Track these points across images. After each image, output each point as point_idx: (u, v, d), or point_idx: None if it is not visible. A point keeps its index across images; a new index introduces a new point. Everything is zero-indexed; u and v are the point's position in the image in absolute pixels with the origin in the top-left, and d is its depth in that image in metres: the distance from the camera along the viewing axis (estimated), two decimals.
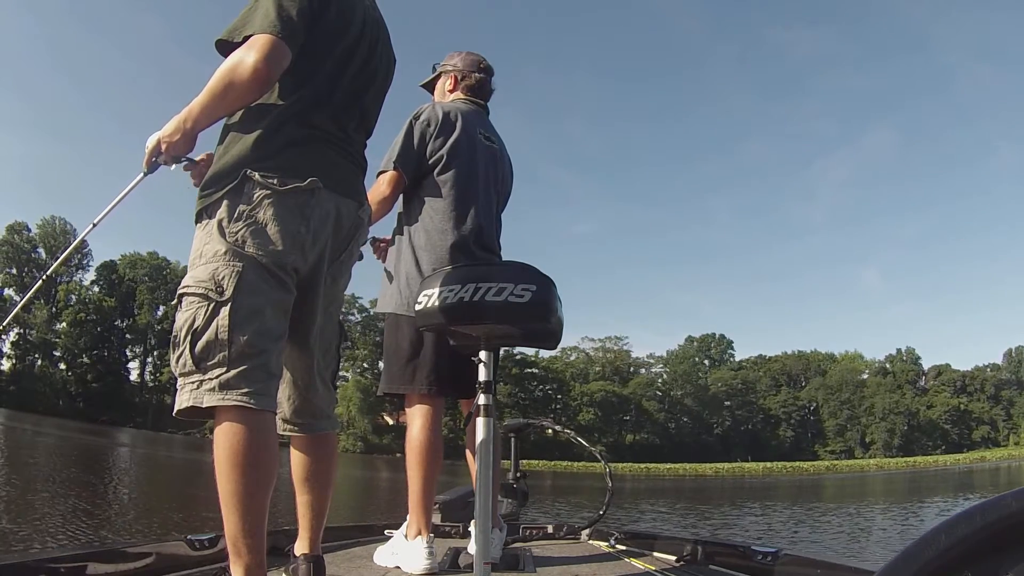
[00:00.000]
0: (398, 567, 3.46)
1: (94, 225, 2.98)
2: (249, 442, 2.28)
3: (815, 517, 23.00)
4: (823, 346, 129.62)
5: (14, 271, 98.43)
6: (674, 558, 3.93)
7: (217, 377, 2.31)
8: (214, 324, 2.33)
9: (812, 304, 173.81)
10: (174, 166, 2.67)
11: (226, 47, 2.51)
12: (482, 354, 2.80)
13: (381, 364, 4.02)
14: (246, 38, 2.44)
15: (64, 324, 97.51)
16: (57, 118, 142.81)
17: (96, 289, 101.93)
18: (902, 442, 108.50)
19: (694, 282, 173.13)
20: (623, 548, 4.29)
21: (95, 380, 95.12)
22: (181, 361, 2.36)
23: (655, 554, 4.11)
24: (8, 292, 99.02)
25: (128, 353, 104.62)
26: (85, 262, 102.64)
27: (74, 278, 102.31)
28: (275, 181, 2.45)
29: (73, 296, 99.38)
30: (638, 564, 3.78)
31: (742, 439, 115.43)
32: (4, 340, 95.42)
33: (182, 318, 2.39)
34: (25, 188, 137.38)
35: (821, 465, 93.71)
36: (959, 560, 0.78)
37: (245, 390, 2.31)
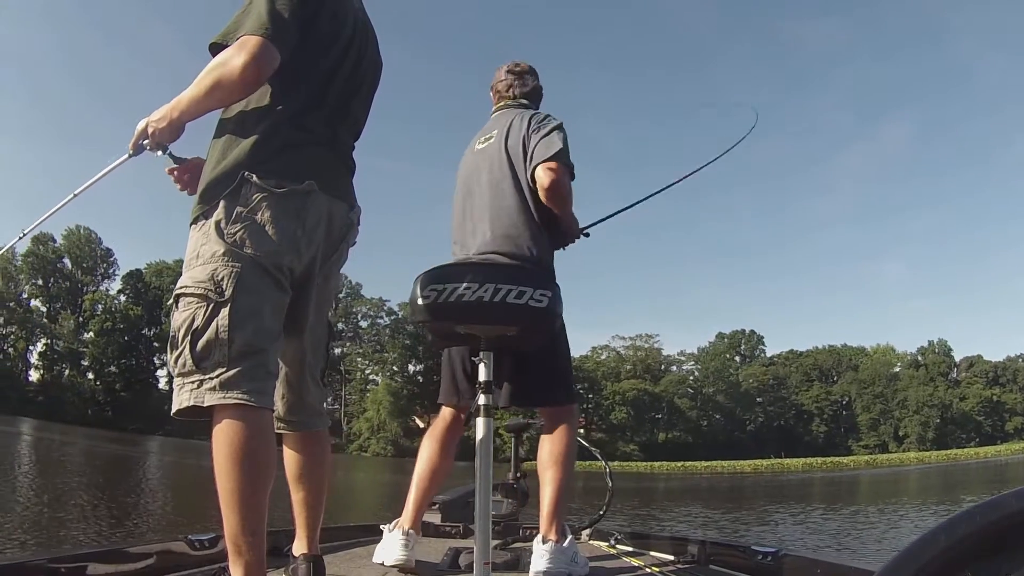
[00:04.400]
0: (382, 562, 3.50)
1: (75, 195, 3.06)
2: (249, 440, 2.30)
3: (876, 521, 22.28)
4: (853, 340, 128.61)
5: (40, 282, 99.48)
6: (674, 558, 3.96)
7: (218, 376, 2.33)
8: (214, 324, 2.36)
9: (838, 298, 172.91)
10: (159, 153, 2.73)
11: (219, 51, 2.53)
12: (482, 354, 2.82)
13: (414, 367, 3.62)
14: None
15: (91, 334, 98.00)
16: (76, 126, 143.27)
17: (123, 298, 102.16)
18: (936, 435, 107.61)
19: (720, 279, 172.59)
20: (623, 548, 4.33)
21: (123, 389, 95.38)
22: (180, 361, 2.38)
23: (655, 554, 4.13)
24: (35, 303, 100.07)
25: (156, 361, 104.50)
26: (111, 271, 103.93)
27: (100, 288, 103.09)
28: (273, 183, 2.48)
29: (100, 306, 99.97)
30: (638, 564, 3.84)
31: (774, 435, 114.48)
32: (32, 351, 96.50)
33: (180, 318, 2.41)
34: (47, 199, 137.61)
35: (860, 460, 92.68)
36: (959, 560, 0.78)
37: (246, 388, 2.34)
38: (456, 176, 4.04)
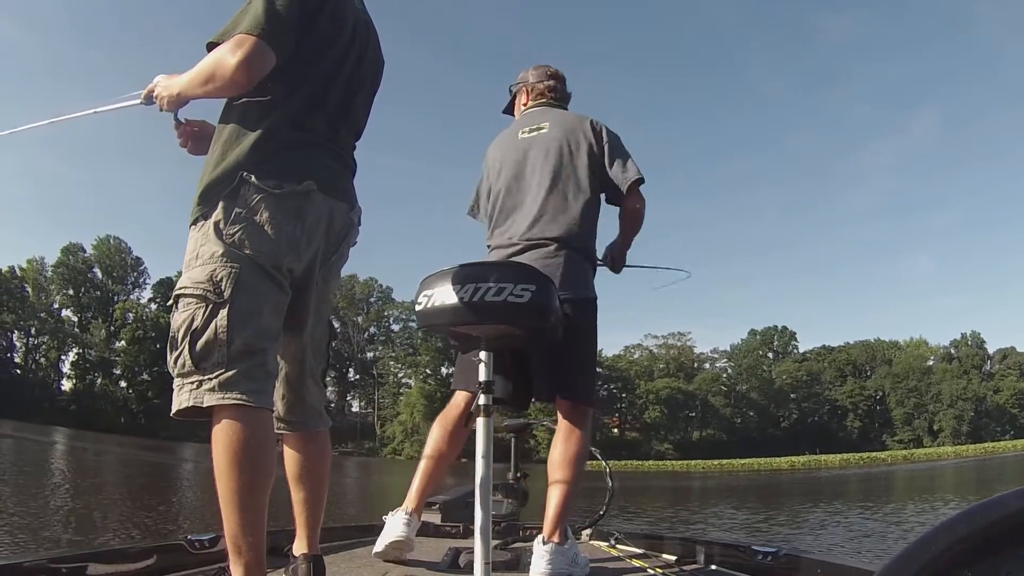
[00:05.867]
0: (383, 547, 3.54)
1: (95, 112, 3.06)
2: (248, 440, 2.32)
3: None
4: (886, 334, 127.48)
5: (71, 292, 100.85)
6: (674, 558, 3.99)
7: (217, 377, 2.35)
8: (213, 324, 2.38)
9: (870, 292, 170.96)
10: (163, 111, 2.77)
11: None
12: (482, 354, 2.82)
13: (447, 369, 3.65)
14: None
15: (123, 342, 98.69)
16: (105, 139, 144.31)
17: (154, 307, 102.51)
18: (970, 428, 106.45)
19: (749, 277, 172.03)
20: (623, 548, 4.36)
21: (156, 396, 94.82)
22: (180, 362, 2.40)
23: (655, 554, 4.15)
24: (66, 313, 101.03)
25: None
26: (142, 280, 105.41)
27: (131, 296, 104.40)
28: (272, 184, 2.50)
29: (131, 314, 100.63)
30: (638, 564, 3.87)
31: (809, 431, 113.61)
32: (64, 361, 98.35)
33: (179, 319, 2.43)
34: (78, 210, 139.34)
35: (898, 455, 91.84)
36: (959, 560, 0.78)
37: (245, 389, 2.35)
38: (490, 161, 4.13)
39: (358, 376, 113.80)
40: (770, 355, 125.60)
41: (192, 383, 2.37)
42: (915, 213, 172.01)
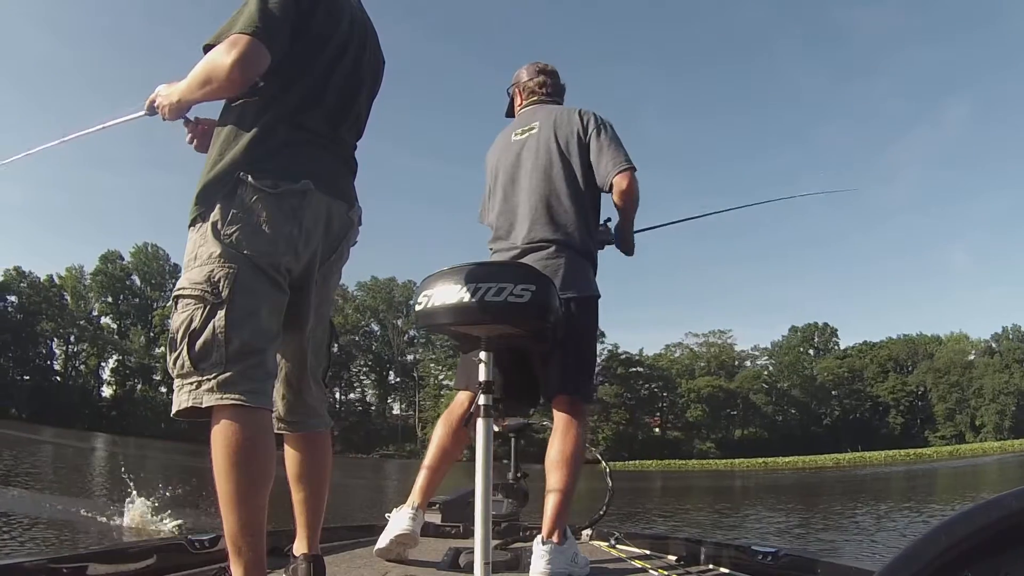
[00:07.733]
0: (386, 542, 3.59)
1: (104, 127, 3.14)
2: (247, 440, 2.35)
3: None
4: (926, 328, 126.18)
5: (109, 299, 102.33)
6: (674, 558, 4.00)
7: (215, 377, 2.38)
8: (211, 325, 2.41)
9: (910, 287, 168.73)
10: (166, 120, 2.81)
11: None
12: (482, 354, 2.88)
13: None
14: None
15: (162, 348, 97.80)
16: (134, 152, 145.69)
17: None
18: (1012, 423, 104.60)
19: (786, 274, 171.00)
20: (623, 548, 4.38)
21: None
22: (179, 363, 2.43)
23: (655, 554, 4.16)
24: (105, 320, 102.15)
25: None
26: None
27: (169, 303, 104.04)
28: (269, 183, 2.52)
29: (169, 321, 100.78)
30: (638, 564, 3.88)
31: (851, 428, 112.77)
32: (104, 367, 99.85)
33: (178, 320, 2.46)
34: (116, 218, 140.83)
35: (943, 451, 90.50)
36: (959, 560, 0.78)
37: (243, 389, 2.38)
38: (488, 166, 4.22)
39: (399, 379, 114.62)
40: (811, 352, 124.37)
41: (191, 384, 2.39)
42: (952, 205, 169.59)
